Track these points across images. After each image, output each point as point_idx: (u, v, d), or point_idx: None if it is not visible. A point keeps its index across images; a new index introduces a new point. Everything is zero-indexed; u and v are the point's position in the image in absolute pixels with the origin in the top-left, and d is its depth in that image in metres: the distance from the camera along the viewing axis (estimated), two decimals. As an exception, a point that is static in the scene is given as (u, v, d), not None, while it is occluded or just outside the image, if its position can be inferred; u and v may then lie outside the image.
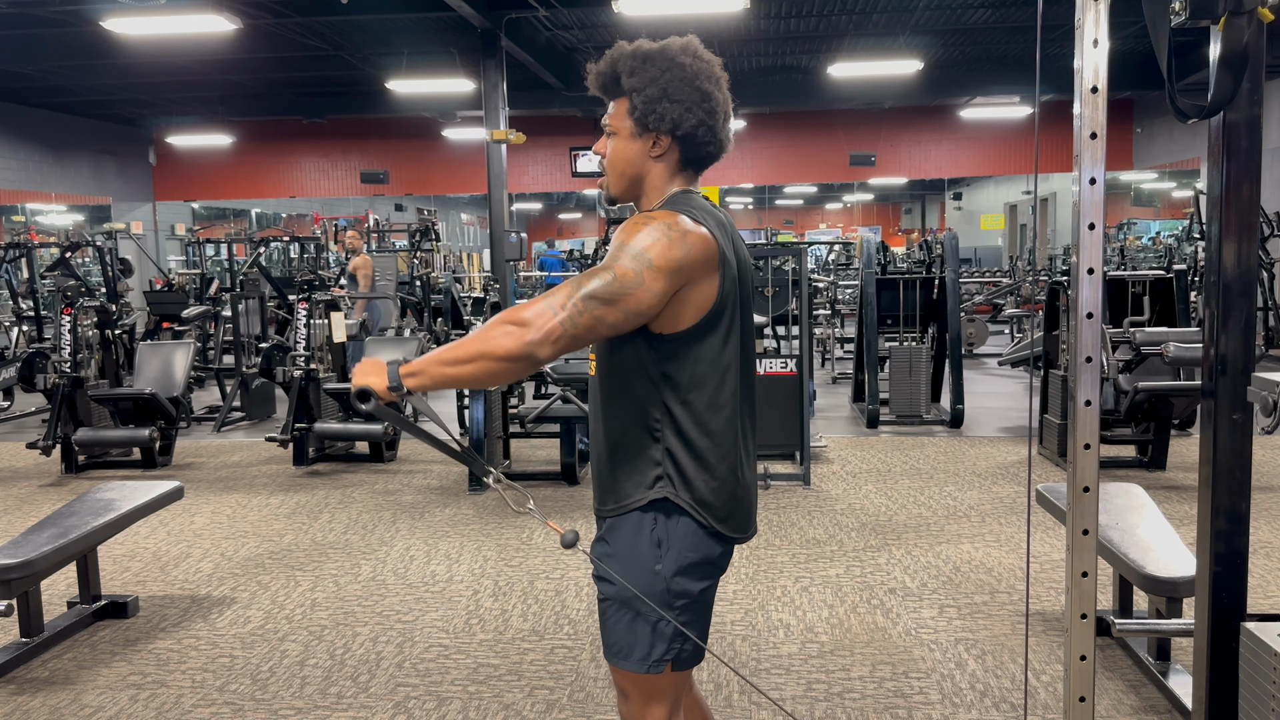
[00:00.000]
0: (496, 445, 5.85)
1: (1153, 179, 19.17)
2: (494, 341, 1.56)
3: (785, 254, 7.33)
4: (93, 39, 10.41)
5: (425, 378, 1.62)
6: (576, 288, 1.58)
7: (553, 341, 1.56)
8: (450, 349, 1.60)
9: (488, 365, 1.57)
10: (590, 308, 1.57)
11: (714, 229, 1.67)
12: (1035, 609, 3.65)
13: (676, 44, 1.73)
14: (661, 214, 1.66)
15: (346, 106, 15.28)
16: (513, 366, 1.57)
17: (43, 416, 7.49)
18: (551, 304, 1.57)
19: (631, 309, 1.60)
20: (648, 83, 1.69)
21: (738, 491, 1.75)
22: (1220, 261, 1.79)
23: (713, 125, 1.72)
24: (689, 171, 1.77)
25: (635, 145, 1.74)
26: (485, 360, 1.57)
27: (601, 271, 1.59)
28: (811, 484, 5.52)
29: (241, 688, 3.10)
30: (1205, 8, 1.65)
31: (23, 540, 3.36)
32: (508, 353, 1.56)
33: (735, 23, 10.91)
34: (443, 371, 1.61)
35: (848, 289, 12.76)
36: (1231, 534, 1.83)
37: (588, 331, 1.58)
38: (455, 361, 1.59)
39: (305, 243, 11.93)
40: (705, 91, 1.70)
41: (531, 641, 3.41)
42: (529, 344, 1.55)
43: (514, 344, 1.55)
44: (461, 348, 1.59)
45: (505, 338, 1.56)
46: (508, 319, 1.57)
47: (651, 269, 1.59)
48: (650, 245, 1.60)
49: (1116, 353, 5.99)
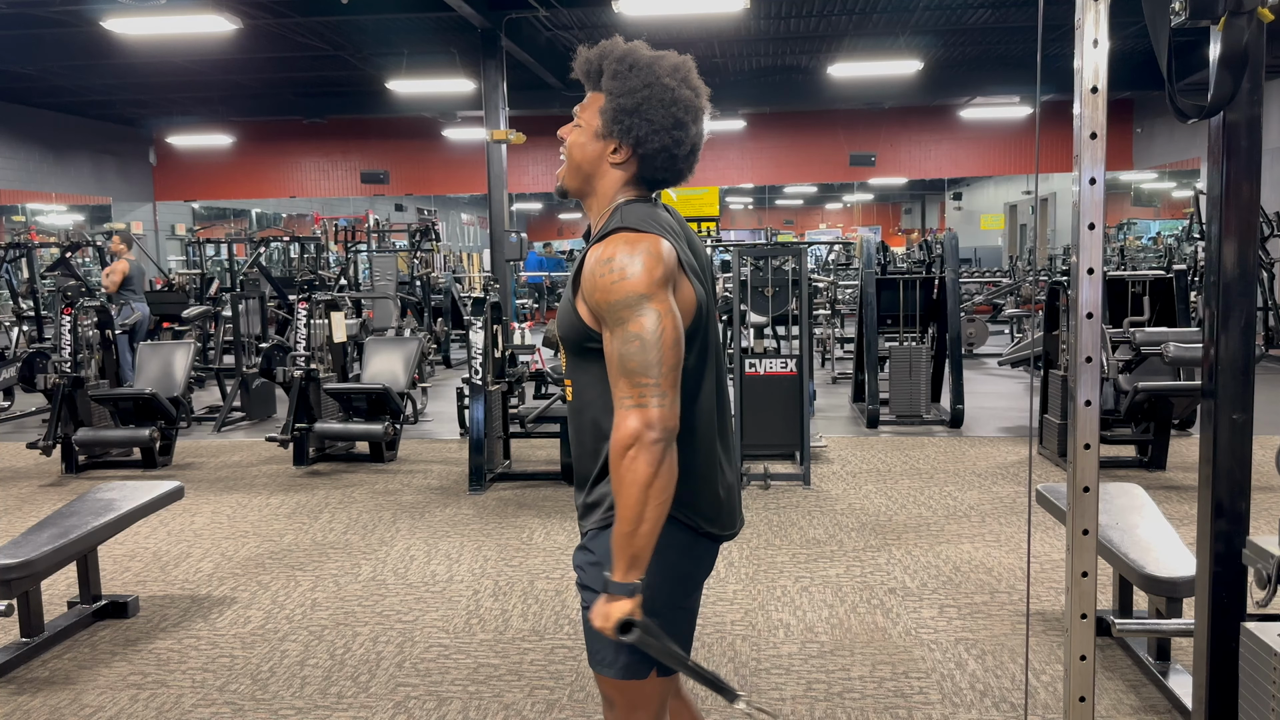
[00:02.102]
0: (496, 445, 5.85)
1: (1153, 179, 19.18)
2: (636, 474, 1.53)
3: (785, 254, 7.33)
4: (93, 39, 10.42)
5: (636, 560, 1.57)
6: (625, 371, 1.56)
7: (662, 421, 1.54)
8: (619, 526, 1.56)
9: (652, 491, 1.54)
10: (653, 375, 1.55)
11: (668, 238, 1.65)
12: (1035, 609, 3.65)
13: (669, 63, 1.70)
14: (614, 242, 1.62)
15: (346, 106, 15.29)
16: (667, 464, 1.55)
17: (43, 416, 7.49)
18: (627, 401, 1.55)
19: (672, 337, 1.58)
20: (627, 91, 1.67)
21: (720, 491, 1.75)
22: (1220, 261, 1.79)
23: (675, 154, 1.70)
24: (642, 187, 1.74)
25: (597, 144, 1.72)
26: (644, 489, 1.54)
27: (625, 343, 1.57)
28: (811, 484, 5.52)
29: (242, 688, 3.10)
30: (1205, 8, 1.65)
31: (23, 540, 3.36)
32: (652, 465, 1.53)
33: (735, 23, 10.91)
34: (636, 539, 1.56)
35: (848, 289, 12.76)
36: (1231, 534, 1.83)
37: (672, 386, 1.57)
38: (634, 522, 1.55)
39: (305, 243, 11.93)
40: (679, 120, 1.67)
41: (531, 641, 3.41)
42: (658, 440, 1.54)
43: (648, 455, 1.54)
44: (625, 510, 1.55)
45: (638, 462, 1.54)
46: (619, 449, 1.55)
47: (650, 301, 1.57)
48: (634, 282, 1.57)
49: (1116, 353, 5.99)
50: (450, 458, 6.43)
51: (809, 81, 14.27)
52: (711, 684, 1.68)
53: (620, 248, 1.60)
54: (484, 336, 5.64)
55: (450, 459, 6.39)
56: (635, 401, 1.55)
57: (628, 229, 1.63)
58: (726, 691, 1.69)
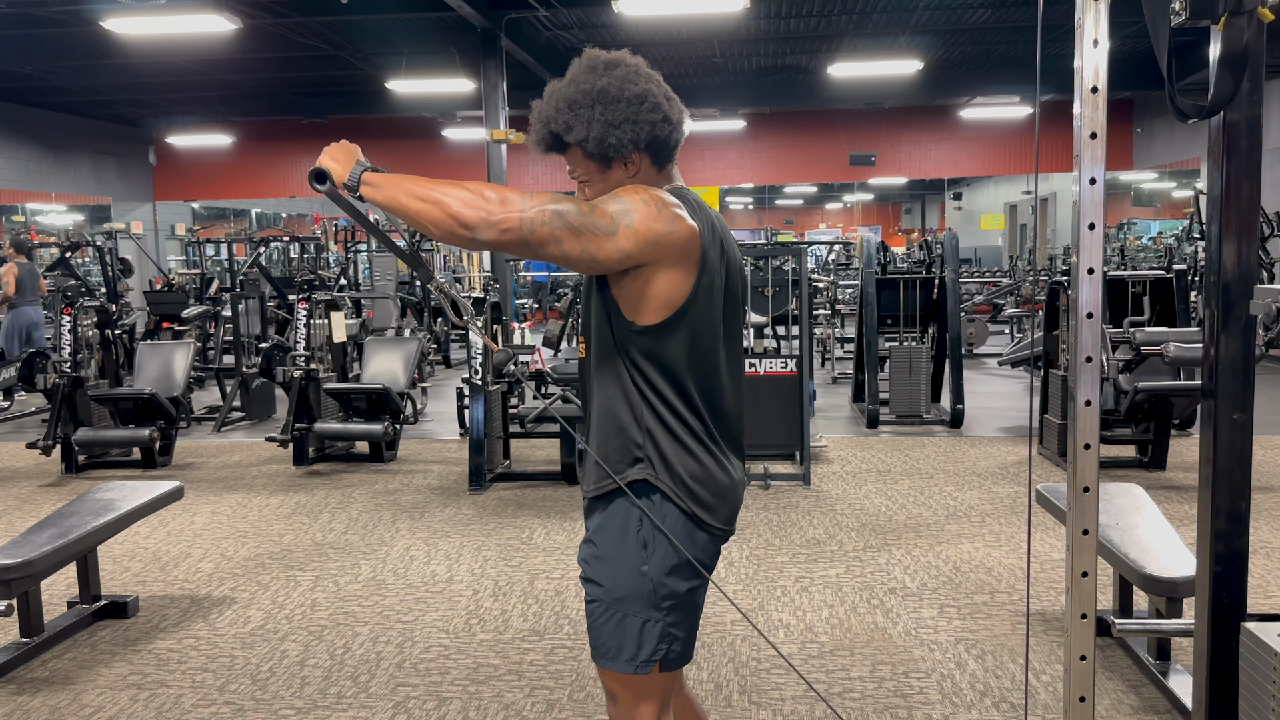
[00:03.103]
0: (496, 445, 5.85)
1: (1153, 179, 19.18)
2: (456, 199, 1.57)
3: (785, 254, 7.33)
4: (93, 39, 10.41)
5: (380, 193, 1.64)
6: (554, 201, 1.59)
7: (503, 230, 1.57)
8: (418, 181, 1.61)
9: (438, 215, 1.58)
10: (555, 224, 1.58)
11: (704, 228, 1.69)
12: (1035, 609, 3.65)
13: (570, 72, 1.72)
14: (663, 192, 1.68)
15: (346, 106, 15.28)
16: (457, 230, 1.58)
17: (43, 416, 7.49)
18: (524, 201, 1.58)
19: (591, 251, 1.60)
20: (587, 125, 1.68)
21: (723, 482, 1.76)
22: (1220, 261, 1.79)
23: (666, 115, 1.72)
24: (666, 168, 1.78)
25: (611, 176, 1.74)
26: (439, 210, 1.58)
27: (582, 202, 1.62)
28: (811, 484, 5.52)
29: (241, 688, 3.10)
30: (1205, 8, 1.65)
31: (23, 540, 3.36)
32: (461, 217, 1.57)
33: (735, 23, 10.91)
34: (398, 197, 1.62)
35: (848, 289, 12.76)
36: (1231, 534, 1.83)
37: (539, 244, 1.58)
38: (414, 196, 1.60)
39: (305, 243, 11.94)
40: (637, 95, 1.69)
41: (531, 641, 3.41)
42: (483, 220, 1.57)
43: (471, 213, 1.57)
44: (428, 186, 1.60)
45: (467, 203, 1.57)
46: (481, 189, 1.58)
47: (629, 227, 1.60)
48: (639, 208, 1.62)
49: (1116, 353, 5.99)
50: (450, 458, 6.43)
51: (809, 81, 14.27)
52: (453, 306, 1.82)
53: (667, 198, 1.67)
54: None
55: (450, 459, 6.39)
56: (524, 203, 1.58)
57: (684, 203, 1.69)
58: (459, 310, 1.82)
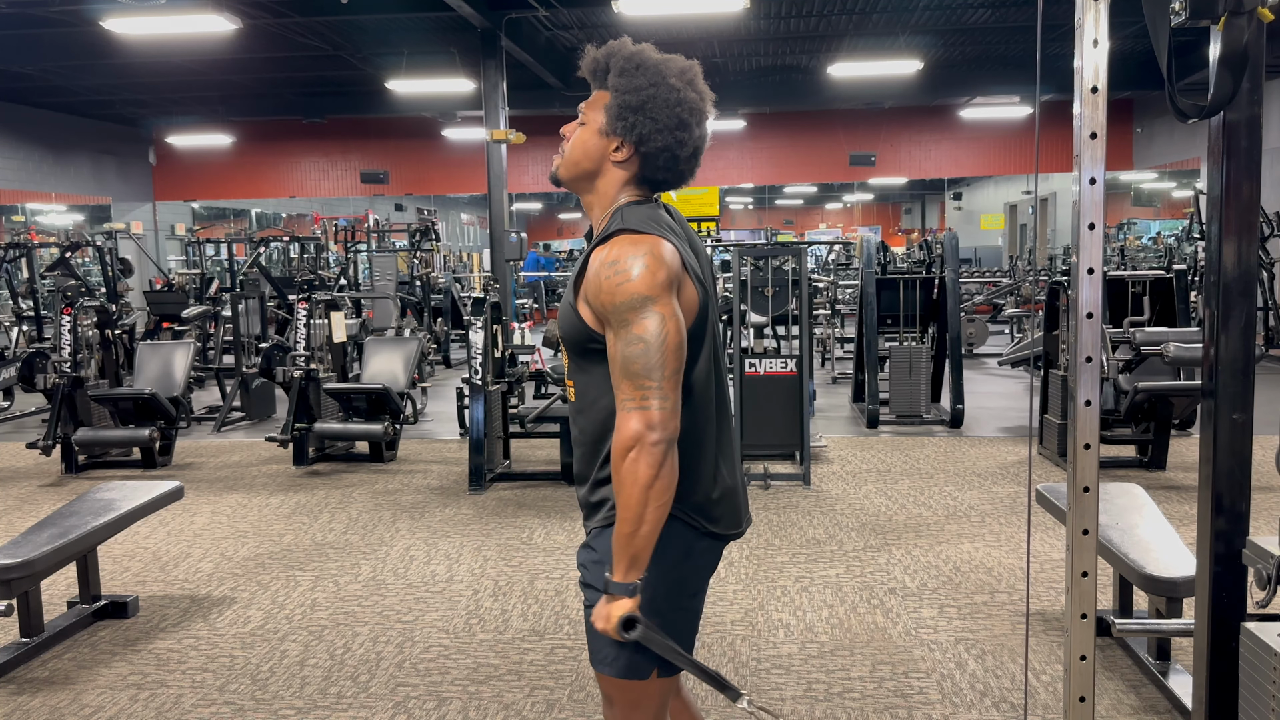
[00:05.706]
0: (496, 445, 5.85)
1: (1153, 179, 19.18)
2: (637, 476, 1.55)
3: (785, 254, 7.33)
4: (93, 39, 10.41)
5: (636, 560, 1.59)
6: (629, 374, 1.57)
7: (663, 424, 1.56)
8: (619, 526, 1.57)
9: (653, 492, 1.55)
10: (655, 377, 1.56)
11: (672, 239, 1.65)
12: (1035, 609, 3.65)
13: (676, 65, 1.70)
14: (617, 244, 1.62)
15: (346, 106, 15.28)
16: (668, 466, 1.56)
17: (43, 416, 7.49)
18: (629, 404, 1.56)
19: (675, 340, 1.58)
20: (633, 89, 1.67)
21: (724, 491, 1.75)
22: (1220, 261, 1.79)
23: (676, 155, 1.70)
24: (644, 188, 1.75)
25: (599, 141, 1.72)
26: (645, 490, 1.55)
27: (628, 345, 1.57)
28: (811, 484, 5.52)
29: (241, 688, 3.10)
30: (1205, 8, 1.65)
31: (23, 540, 3.36)
32: (653, 467, 1.55)
33: (735, 23, 10.91)
34: (636, 540, 1.57)
35: (848, 289, 12.76)
36: (1231, 534, 1.83)
37: (674, 388, 1.58)
38: (635, 523, 1.56)
39: (305, 243, 11.93)
40: (683, 121, 1.67)
41: (531, 641, 3.41)
42: (658, 442, 1.55)
43: (649, 457, 1.55)
44: (626, 511, 1.56)
45: (639, 464, 1.55)
46: (620, 451, 1.56)
47: (654, 303, 1.57)
48: (637, 287, 1.57)
49: (1116, 353, 5.99)
50: (450, 458, 6.43)
51: (809, 81, 14.27)
52: (714, 682, 1.69)
53: (624, 249, 1.60)
54: (484, 336, 5.64)
55: (450, 459, 6.39)
56: (637, 404, 1.56)
57: (630, 231, 1.63)
58: (729, 690, 1.70)
